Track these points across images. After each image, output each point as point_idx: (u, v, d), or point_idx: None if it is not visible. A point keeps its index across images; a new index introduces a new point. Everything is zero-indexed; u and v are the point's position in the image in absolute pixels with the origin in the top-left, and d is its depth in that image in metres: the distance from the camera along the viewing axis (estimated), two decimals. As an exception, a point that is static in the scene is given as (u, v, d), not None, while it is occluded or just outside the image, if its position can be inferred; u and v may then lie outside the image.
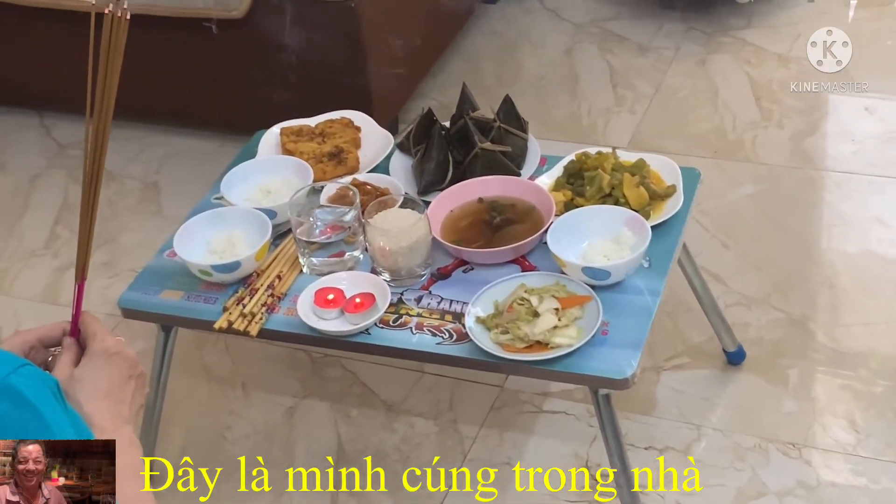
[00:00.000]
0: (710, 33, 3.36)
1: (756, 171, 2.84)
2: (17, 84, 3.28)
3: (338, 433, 2.31)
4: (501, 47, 3.44)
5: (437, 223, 1.97)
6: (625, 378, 1.72)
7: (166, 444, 2.29)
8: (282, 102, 2.86)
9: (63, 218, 2.97)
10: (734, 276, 2.53)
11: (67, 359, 1.27)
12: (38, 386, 0.94)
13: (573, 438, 2.23)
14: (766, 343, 2.38)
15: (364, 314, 1.83)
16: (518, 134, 2.13)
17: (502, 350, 1.76)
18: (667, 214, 1.95)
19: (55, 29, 3.01)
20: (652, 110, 3.10)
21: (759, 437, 2.19)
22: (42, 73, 3.19)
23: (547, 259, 1.89)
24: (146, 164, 3.12)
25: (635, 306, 1.82)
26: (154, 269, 2.01)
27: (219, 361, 2.49)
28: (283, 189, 2.07)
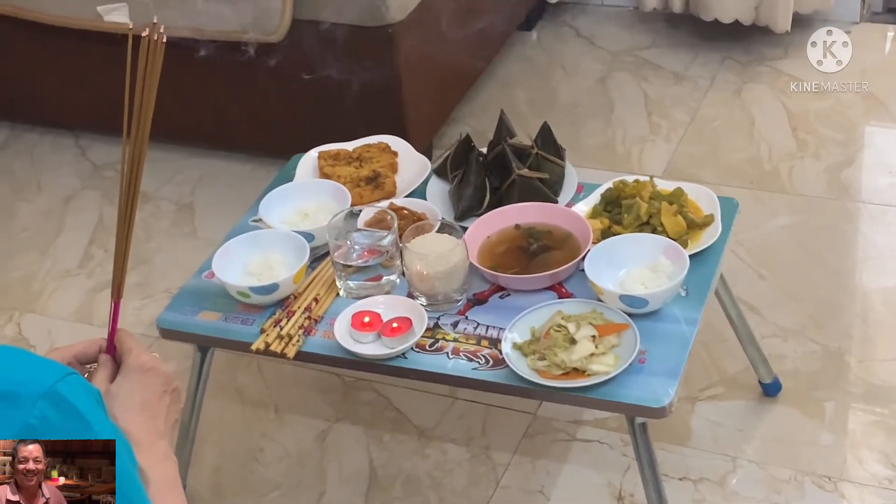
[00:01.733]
0: (746, 63, 3.38)
1: (792, 202, 2.84)
2: (53, 105, 3.32)
3: (370, 458, 2.32)
4: (536, 74, 3.46)
5: (474, 249, 1.99)
6: (662, 407, 1.73)
7: (200, 464, 2.31)
8: (318, 127, 2.89)
9: (97, 238, 3.00)
10: (770, 307, 2.53)
11: (104, 375, 1.29)
12: (84, 395, 0.96)
13: (607, 467, 2.23)
14: (801, 375, 2.38)
15: (400, 338, 1.85)
16: (556, 161, 2.14)
17: (539, 376, 1.77)
18: (704, 244, 1.96)
19: (92, 50, 3.05)
20: (687, 139, 3.11)
21: (794, 469, 2.18)
22: (78, 94, 3.23)
23: (584, 286, 1.90)
24: (180, 186, 3.15)
25: (672, 335, 1.83)
26: (192, 290, 2.03)
27: (252, 384, 2.51)
28: (320, 212, 2.09)
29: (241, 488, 2.30)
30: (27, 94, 3.30)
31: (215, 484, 2.31)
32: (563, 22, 3.67)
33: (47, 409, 0.92)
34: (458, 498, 2.22)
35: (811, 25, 3.41)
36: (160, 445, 1.21)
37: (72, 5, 3.00)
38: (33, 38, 3.13)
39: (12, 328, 2.75)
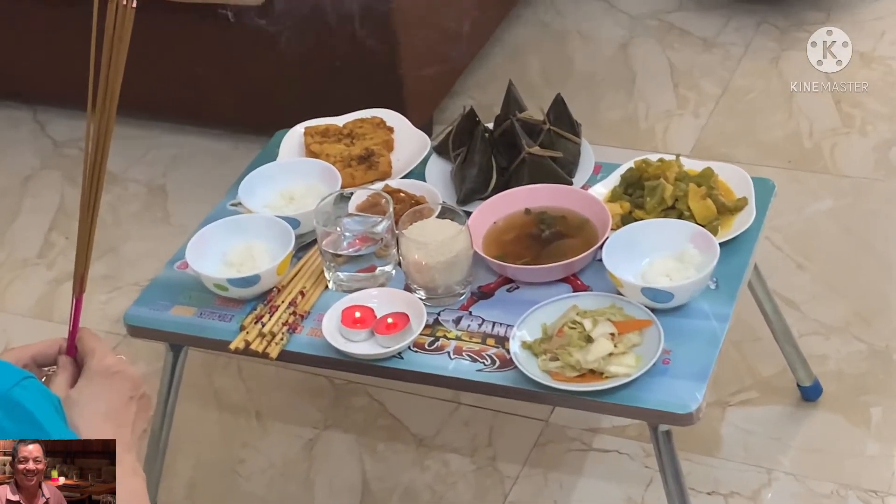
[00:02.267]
0: (785, 28, 3.37)
1: (836, 184, 2.84)
2: (9, 75, 3.32)
3: (363, 469, 2.32)
4: (549, 41, 3.45)
5: (479, 236, 1.99)
6: (688, 413, 1.72)
7: (173, 478, 2.31)
8: (305, 99, 2.88)
9: (59, 224, 3.00)
10: (810, 302, 2.53)
11: (64, 379, 1.28)
12: (41, 401, 0.96)
13: (627, 480, 2.24)
14: (845, 377, 2.37)
15: (396, 336, 1.84)
16: (570, 138, 2.14)
17: (551, 379, 1.76)
18: (736, 230, 1.95)
19: (52, 14, 3.05)
20: (718, 114, 3.10)
21: (836, 482, 2.18)
22: (36, 62, 3.23)
23: (602, 278, 1.90)
24: (152, 166, 3.15)
25: (700, 333, 1.82)
26: (163, 283, 2.03)
27: (231, 387, 2.51)
28: (307, 195, 2.09)
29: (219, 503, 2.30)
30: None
31: (190, 500, 2.31)
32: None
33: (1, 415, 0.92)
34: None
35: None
36: (126, 459, 1.21)
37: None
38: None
39: (-36, 325, 2.76)
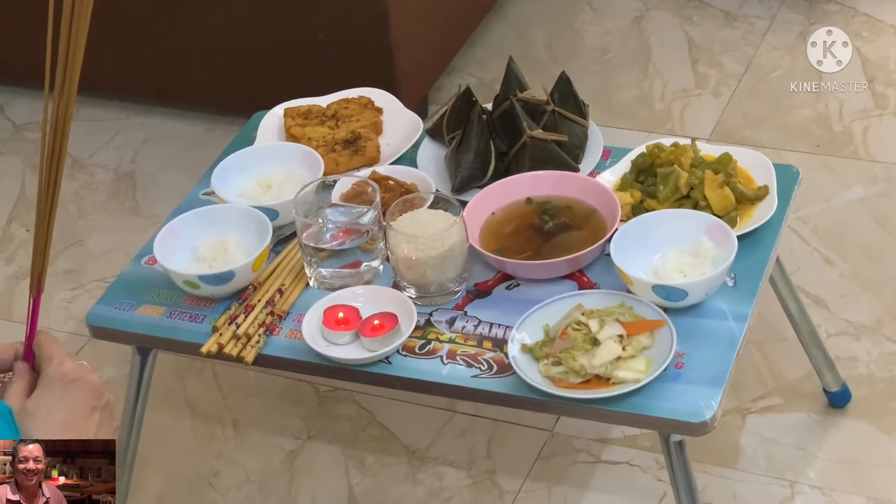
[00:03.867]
0: (813, 0, 3.36)
1: (868, 171, 2.84)
2: (-35, 51, 3.33)
3: (349, 484, 2.33)
4: (556, 13, 3.45)
5: (476, 228, 1.99)
6: (703, 421, 1.72)
7: (141, 493, 2.32)
8: (285, 78, 2.88)
9: (18, 215, 3.01)
10: (839, 300, 2.54)
11: (19, 387, 1.28)
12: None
13: (638, 495, 2.24)
14: (877, 382, 2.38)
15: (384, 339, 1.84)
16: (576, 120, 2.14)
17: (553, 385, 1.76)
18: (757, 222, 1.95)
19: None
20: (740, 93, 3.10)
21: (866, 496, 2.19)
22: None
23: (610, 274, 1.90)
24: (119, 150, 3.15)
25: (717, 334, 1.82)
26: (129, 280, 2.03)
27: (205, 393, 2.51)
28: (286, 183, 2.09)
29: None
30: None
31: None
32: (588, -51, 3.67)
33: None
34: (456, 533, 2.23)
35: (893, -47, 3.42)
36: None
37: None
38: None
39: (-87, 325, 2.76)
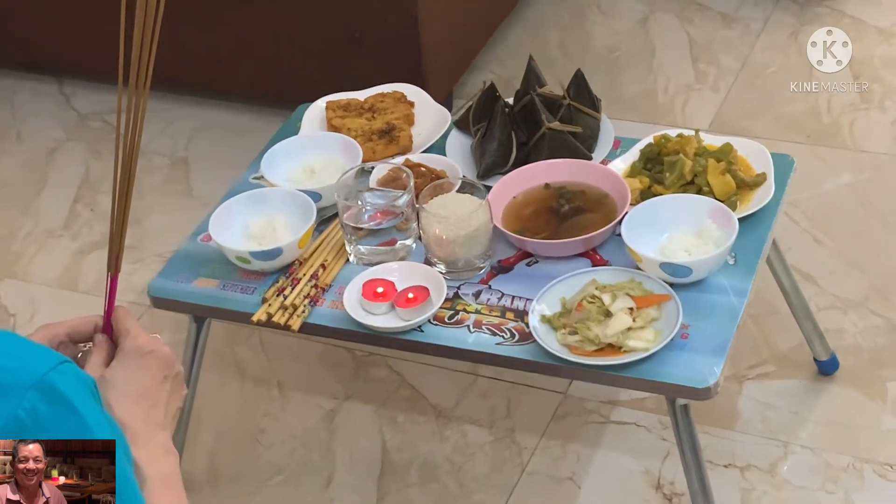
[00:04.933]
0: (804, 3, 3.34)
1: (855, 159, 2.82)
2: (35, 47, 3.32)
3: (382, 440, 2.33)
4: (568, 15, 3.44)
5: (499, 210, 1.98)
6: (706, 387, 1.72)
7: (195, 447, 2.32)
8: (326, 73, 2.88)
9: (84, 196, 3.01)
10: (829, 277, 2.53)
11: (99, 358, 1.29)
12: (77, 385, 0.96)
13: (644, 453, 2.24)
14: (863, 352, 2.37)
15: (416, 309, 1.85)
16: (590, 113, 2.13)
17: (570, 353, 1.77)
18: (756, 206, 1.95)
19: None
20: (737, 88, 3.09)
21: (853, 456, 2.18)
22: (61, 34, 3.23)
23: (621, 253, 1.90)
24: (174, 138, 3.15)
25: (719, 307, 1.82)
26: (186, 255, 2.03)
27: (253, 358, 2.52)
28: (328, 169, 2.09)
29: (240, 473, 2.31)
30: (5, 34, 3.29)
31: (212, 468, 2.33)
32: (599, -44, 3.65)
33: (37, 400, 0.92)
34: (479, 485, 2.23)
35: (878, -39, 3.40)
36: (159, 438, 1.21)
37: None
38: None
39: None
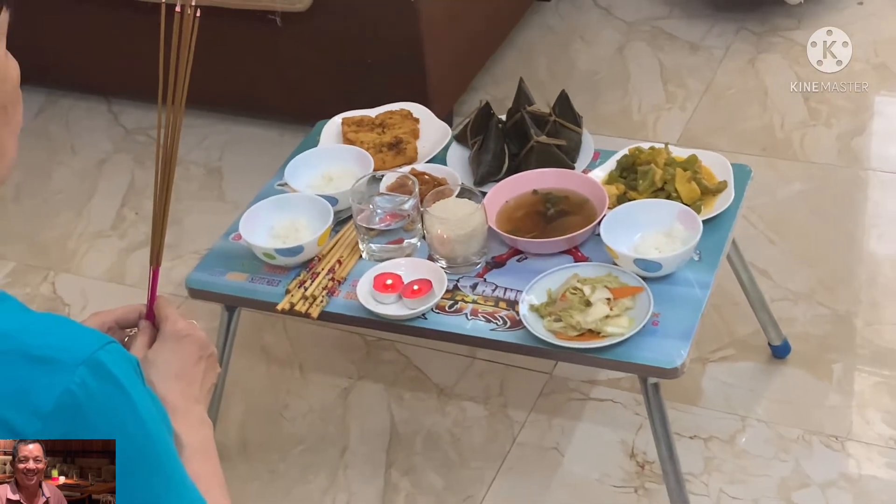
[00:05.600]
0: (760, 34, 3.34)
1: (804, 170, 2.82)
2: (87, 72, 3.32)
3: (391, 414, 2.32)
4: (555, 43, 3.43)
5: (493, 213, 1.98)
6: (674, 367, 1.72)
7: (227, 420, 2.32)
8: (342, 93, 2.87)
9: (129, 201, 3.01)
10: (781, 272, 2.52)
11: (143, 341, 1.29)
12: (122, 363, 0.96)
13: (620, 426, 2.23)
14: (811, 338, 2.36)
15: (421, 300, 1.84)
16: (573, 128, 2.13)
17: (555, 337, 1.76)
18: (717, 210, 1.94)
19: (124, 19, 3.04)
20: (702, 108, 3.08)
21: (803, 429, 2.18)
22: (110, 61, 3.23)
23: (599, 250, 1.89)
24: (209, 150, 3.15)
25: (685, 298, 1.82)
26: (220, 252, 2.03)
27: (277, 343, 2.51)
28: (344, 177, 2.08)
29: (266, 443, 2.30)
30: (62, 61, 3.29)
31: (242, 439, 2.32)
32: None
33: (87, 375, 0.92)
34: (475, 454, 2.22)
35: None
36: (196, 410, 1.21)
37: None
38: (68, 8, 3.12)
39: (47, 287, 2.76)
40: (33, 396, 0.90)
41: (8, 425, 0.89)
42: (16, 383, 0.90)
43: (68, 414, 0.91)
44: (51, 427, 0.90)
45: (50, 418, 0.90)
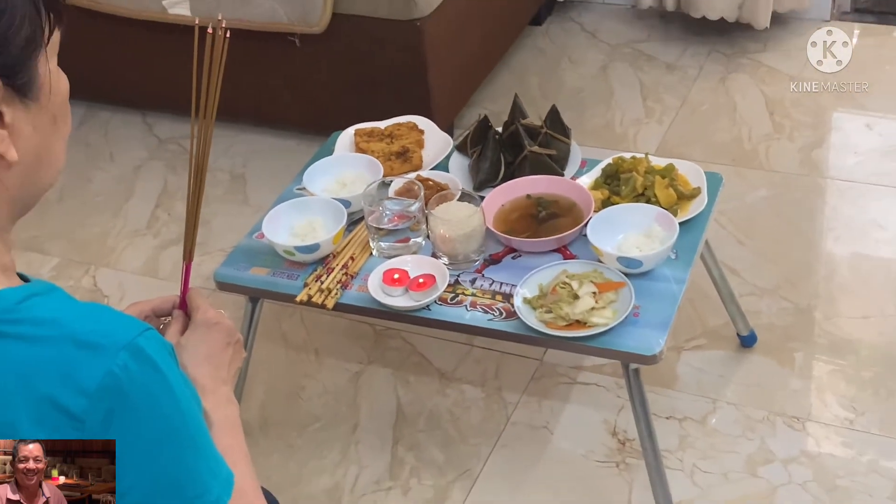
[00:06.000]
0: (730, 55, 3.34)
1: (769, 178, 2.82)
2: (125, 87, 3.32)
3: (397, 396, 2.32)
4: (545, 63, 3.43)
5: (490, 215, 1.98)
6: (653, 354, 1.72)
7: (250, 400, 2.32)
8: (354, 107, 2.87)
9: (162, 203, 3.00)
10: (749, 269, 2.52)
11: (176, 328, 1.29)
12: (159, 348, 0.96)
13: (603, 407, 2.23)
14: (775, 329, 2.36)
15: (425, 292, 1.84)
16: (562, 139, 2.13)
17: (546, 327, 1.76)
18: (692, 213, 1.94)
19: (158, 39, 3.04)
20: (677, 121, 3.08)
21: (767, 410, 2.18)
22: (146, 77, 3.22)
23: (586, 249, 1.89)
24: (234, 158, 3.14)
25: (663, 292, 1.82)
26: (244, 249, 2.03)
27: (295, 331, 2.51)
28: (356, 182, 2.08)
29: (285, 421, 2.30)
30: (102, 76, 3.29)
31: (263, 417, 2.32)
32: (569, 18, 3.64)
33: (128, 359, 0.92)
34: (473, 431, 2.22)
35: (788, 23, 3.39)
36: (223, 391, 1.21)
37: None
38: (108, 28, 3.11)
39: (88, 280, 2.76)
40: (80, 377, 0.90)
41: (57, 402, 0.89)
42: (65, 365, 0.90)
43: (111, 393, 0.91)
44: (96, 404, 0.90)
45: (95, 396, 0.90)
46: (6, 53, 0.93)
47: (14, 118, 0.96)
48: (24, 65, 0.95)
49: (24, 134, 0.97)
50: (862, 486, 2.02)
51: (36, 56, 0.96)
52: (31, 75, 0.96)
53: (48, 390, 0.89)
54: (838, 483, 2.03)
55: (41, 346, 0.90)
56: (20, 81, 0.95)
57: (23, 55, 0.94)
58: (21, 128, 0.97)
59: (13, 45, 0.93)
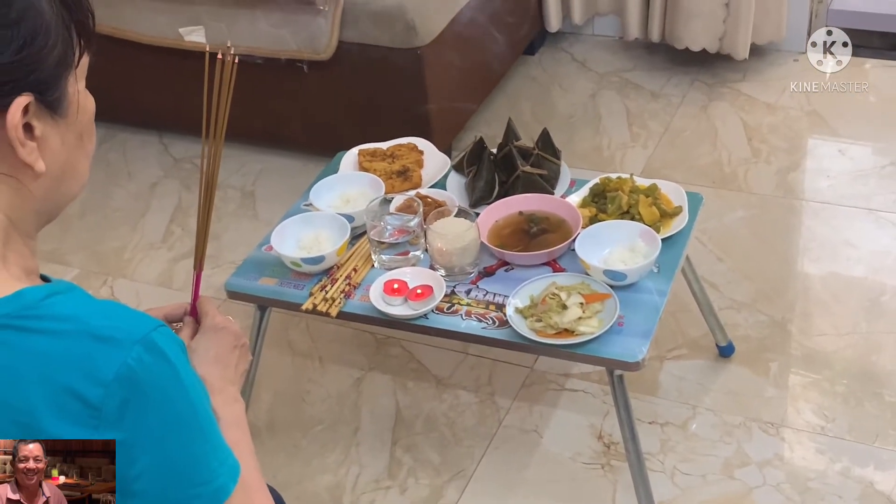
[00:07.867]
0: (712, 84, 3.36)
1: (747, 199, 2.83)
2: (142, 109, 3.33)
3: (396, 401, 2.33)
4: (538, 90, 3.45)
5: (485, 230, 1.99)
6: (636, 361, 1.73)
7: (257, 404, 2.33)
8: (358, 129, 2.89)
9: (177, 218, 3.01)
10: (727, 284, 2.53)
11: (187, 332, 1.29)
12: (172, 344, 0.97)
13: (590, 413, 2.24)
14: (752, 340, 2.37)
15: (423, 302, 1.85)
16: (553, 160, 2.14)
17: (536, 335, 1.77)
18: (674, 230, 1.96)
19: (174, 64, 3.05)
20: (661, 146, 3.10)
21: (744, 416, 2.19)
22: (162, 99, 3.23)
23: (574, 263, 1.91)
24: (245, 176, 3.16)
25: (646, 304, 1.83)
26: (254, 260, 2.04)
27: (301, 340, 2.51)
28: (359, 199, 2.09)
29: (291, 423, 2.31)
30: (121, 99, 3.30)
31: (270, 420, 2.32)
32: (560, 48, 3.66)
33: (142, 352, 0.93)
34: (467, 434, 2.23)
35: (766, 54, 3.41)
36: (230, 390, 1.22)
37: (159, 27, 3.01)
38: (127, 53, 3.13)
39: (106, 290, 2.76)
40: (97, 368, 0.91)
41: (76, 392, 0.90)
42: (83, 357, 0.91)
43: (126, 383, 0.92)
44: (112, 393, 0.91)
45: (111, 386, 0.91)
46: (40, 70, 0.95)
47: (44, 132, 0.97)
48: (56, 82, 0.97)
49: (53, 147, 0.99)
50: (832, 489, 2.03)
51: (67, 75, 0.98)
52: (62, 93, 0.98)
53: (68, 381, 0.90)
54: (810, 485, 2.04)
55: (61, 340, 0.92)
56: (51, 97, 0.97)
57: (55, 73, 0.96)
58: (50, 141, 0.98)
59: (47, 63, 0.95)
